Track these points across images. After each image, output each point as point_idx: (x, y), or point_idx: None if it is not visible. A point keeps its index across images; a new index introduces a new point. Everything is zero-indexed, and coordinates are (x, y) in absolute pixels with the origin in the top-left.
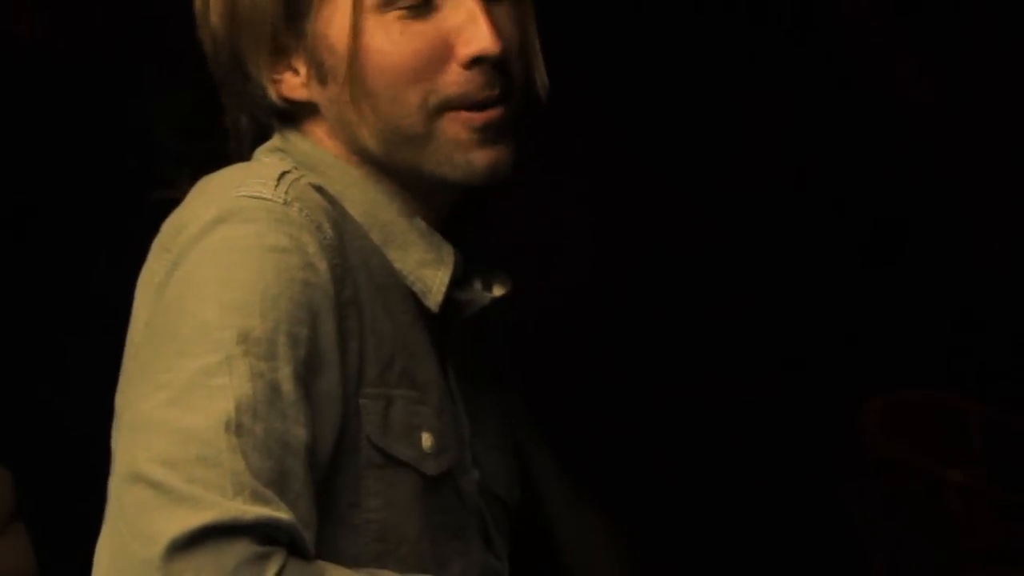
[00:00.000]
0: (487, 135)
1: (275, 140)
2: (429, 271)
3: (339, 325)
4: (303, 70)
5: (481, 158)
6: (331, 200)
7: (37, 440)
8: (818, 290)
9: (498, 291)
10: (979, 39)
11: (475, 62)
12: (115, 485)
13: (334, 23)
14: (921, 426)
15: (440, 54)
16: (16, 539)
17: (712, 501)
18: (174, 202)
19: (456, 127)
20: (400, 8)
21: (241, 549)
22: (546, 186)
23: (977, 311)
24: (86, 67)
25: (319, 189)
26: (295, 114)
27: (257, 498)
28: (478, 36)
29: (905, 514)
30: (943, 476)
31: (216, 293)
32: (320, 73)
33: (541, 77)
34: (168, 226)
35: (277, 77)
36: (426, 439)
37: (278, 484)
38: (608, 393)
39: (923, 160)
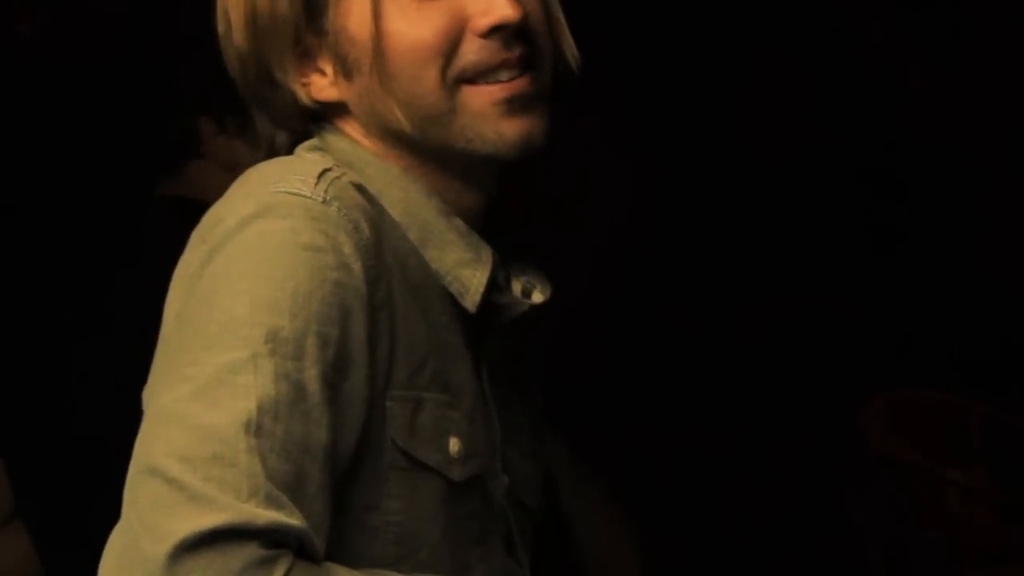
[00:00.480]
0: (514, 105)
1: (313, 140)
2: (467, 271)
3: (370, 327)
4: (329, 69)
5: (511, 128)
6: (371, 199)
7: (36, 437)
8: (819, 290)
9: (537, 298)
10: (981, 39)
11: (494, 31)
12: (131, 476)
13: (353, 14)
14: (921, 426)
15: (458, 28)
16: (16, 536)
17: (713, 500)
18: (175, 199)
19: (480, 100)
20: None
21: (249, 552)
22: (552, 181)
23: (977, 311)
24: (86, 66)
25: (359, 188)
26: (328, 115)
27: (271, 502)
28: (496, 5)
29: (905, 514)
30: (943, 476)
31: (247, 289)
32: (345, 68)
33: (570, 47)
34: (207, 218)
35: (305, 80)
36: (454, 444)
37: (293, 487)
38: (609, 392)
39: (925, 160)
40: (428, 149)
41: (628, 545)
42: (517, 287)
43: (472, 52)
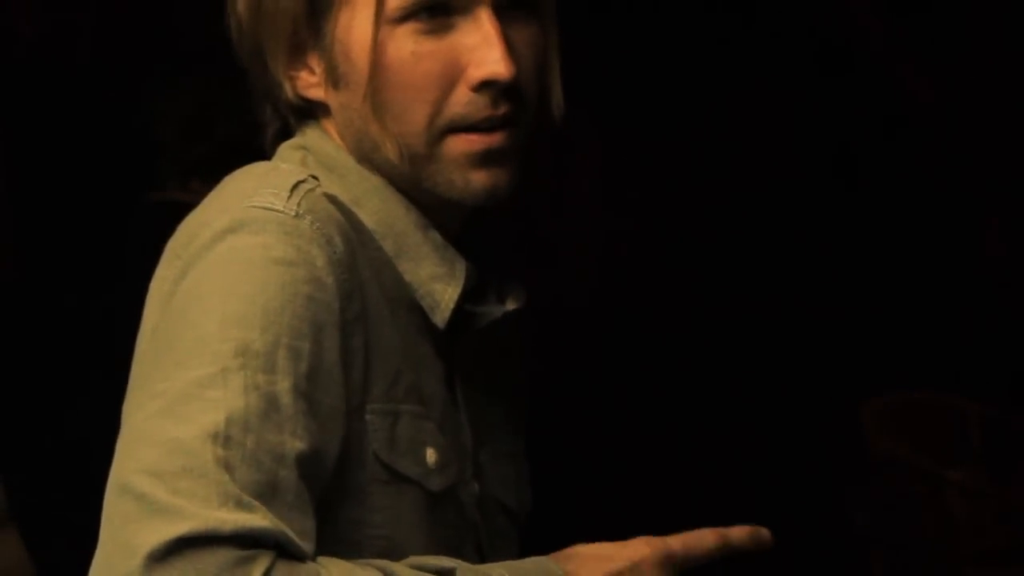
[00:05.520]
0: (487, 158)
1: (298, 138)
2: (440, 286)
3: (343, 341)
4: (318, 70)
5: (479, 179)
6: (345, 211)
7: (30, 441)
8: (819, 290)
9: (511, 305)
10: (979, 39)
11: (484, 85)
12: (107, 496)
13: (351, 30)
14: (921, 426)
15: (451, 76)
16: (9, 540)
17: (713, 501)
18: (171, 203)
19: (457, 150)
20: (416, 22)
21: (222, 556)
22: (552, 183)
23: (977, 311)
24: (86, 67)
25: (333, 200)
26: (313, 112)
27: (241, 507)
28: (490, 59)
29: (906, 514)
30: (943, 476)
31: (218, 305)
32: (333, 77)
33: (557, 98)
34: (181, 232)
35: (294, 74)
36: (431, 454)
37: (267, 496)
38: (608, 393)
39: (924, 162)
40: (398, 180)
41: None
42: (493, 293)
43: (460, 104)
